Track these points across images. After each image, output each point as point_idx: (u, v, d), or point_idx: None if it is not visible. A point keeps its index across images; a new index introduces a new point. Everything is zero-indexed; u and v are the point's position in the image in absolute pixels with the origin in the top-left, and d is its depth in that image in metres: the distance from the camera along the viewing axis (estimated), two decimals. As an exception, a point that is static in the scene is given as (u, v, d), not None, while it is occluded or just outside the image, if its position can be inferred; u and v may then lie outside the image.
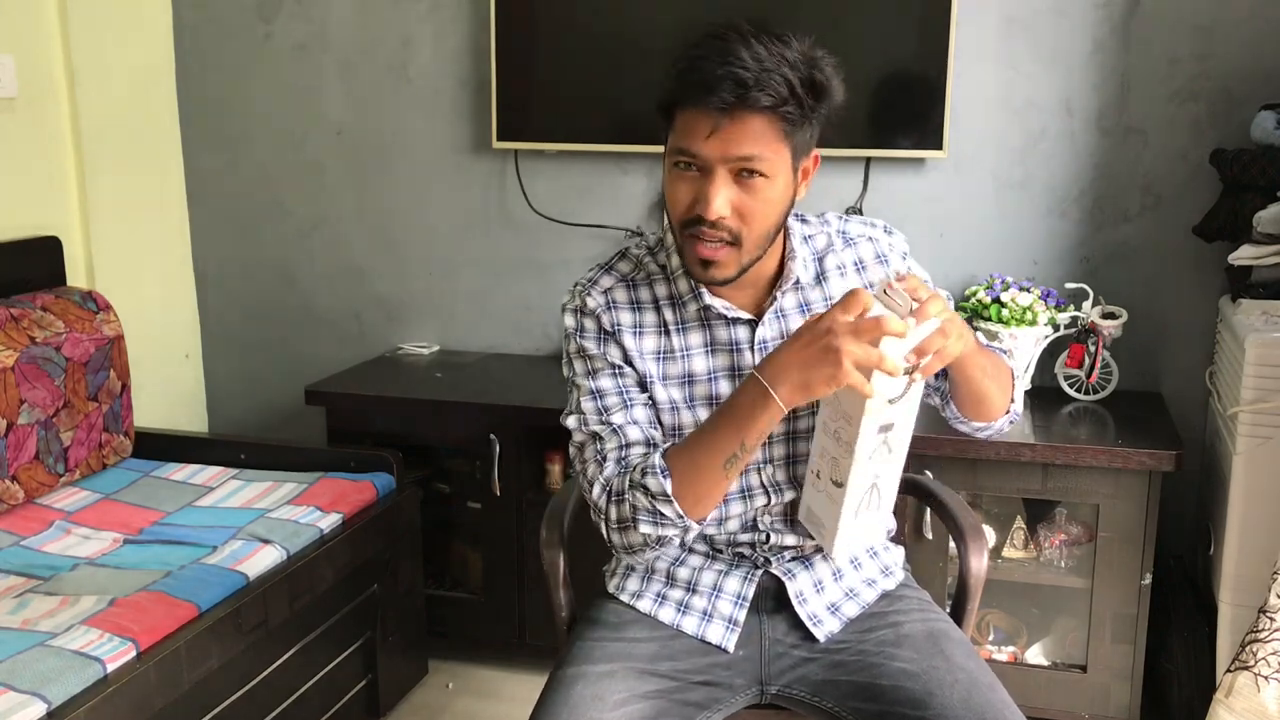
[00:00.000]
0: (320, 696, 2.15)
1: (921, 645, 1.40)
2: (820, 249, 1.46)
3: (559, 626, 1.62)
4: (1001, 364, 1.47)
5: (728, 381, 1.42)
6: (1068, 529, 2.33)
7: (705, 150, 1.27)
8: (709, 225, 1.29)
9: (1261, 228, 2.10)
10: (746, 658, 1.45)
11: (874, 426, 1.26)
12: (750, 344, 1.42)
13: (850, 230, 1.49)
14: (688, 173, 1.30)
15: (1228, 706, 1.62)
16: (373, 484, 2.33)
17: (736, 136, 1.26)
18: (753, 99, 1.24)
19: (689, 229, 1.32)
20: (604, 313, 1.43)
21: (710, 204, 1.28)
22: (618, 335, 1.42)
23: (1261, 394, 1.95)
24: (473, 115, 2.82)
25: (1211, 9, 2.37)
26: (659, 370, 1.42)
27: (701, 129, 1.26)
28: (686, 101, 1.28)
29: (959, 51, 2.45)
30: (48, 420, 2.28)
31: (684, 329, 1.43)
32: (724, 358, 1.43)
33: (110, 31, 2.75)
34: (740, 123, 1.25)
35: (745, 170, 1.28)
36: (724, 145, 1.26)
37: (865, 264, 1.47)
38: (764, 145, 1.27)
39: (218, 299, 3.12)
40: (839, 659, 1.42)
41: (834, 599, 1.48)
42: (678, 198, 1.32)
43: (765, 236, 1.33)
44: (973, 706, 1.29)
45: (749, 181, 1.29)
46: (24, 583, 1.95)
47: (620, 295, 1.44)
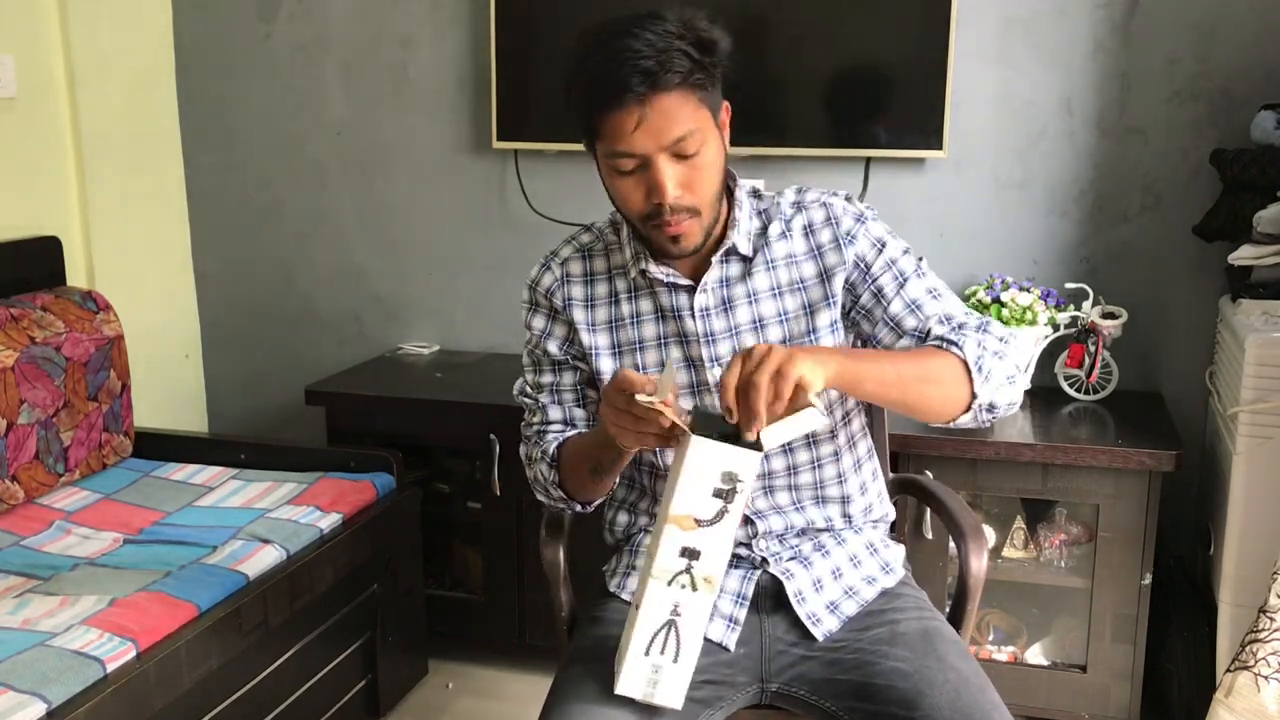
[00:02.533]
0: (320, 696, 2.15)
1: (916, 644, 1.40)
2: (769, 217, 1.48)
3: (559, 626, 1.62)
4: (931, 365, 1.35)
5: (677, 347, 1.47)
6: (1068, 529, 2.33)
7: (638, 145, 1.31)
8: (669, 211, 1.34)
9: (1261, 228, 2.10)
10: (747, 655, 1.45)
11: (676, 544, 1.20)
12: (690, 310, 1.46)
13: (806, 197, 1.50)
14: (629, 171, 1.35)
15: (1228, 706, 1.62)
16: (373, 484, 2.33)
17: (661, 121, 1.30)
18: (664, 81, 1.28)
19: (651, 220, 1.37)
20: (557, 289, 1.52)
21: (665, 191, 1.33)
22: (568, 311, 1.51)
23: (1261, 394, 1.95)
24: (473, 115, 2.82)
25: (1211, 9, 2.37)
26: (611, 339, 1.50)
27: (627, 126, 1.31)
28: (603, 107, 1.32)
29: (959, 51, 2.45)
30: (48, 420, 2.28)
31: (635, 296, 1.49)
32: (671, 324, 1.48)
33: (110, 31, 2.75)
34: (659, 107, 1.30)
35: (679, 150, 1.32)
36: (655, 134, 1.31)
37: (815, 227, 1.47)
38: (688, 120, 1.31)
39: (218, 299, 3.12)
40: (836, 657, 1.42)
41: (833, 597, 1.48)
42: (629, 197, 1.37)
43: (716, 197, 1.40)
44: (960, 708, 1.30)
45: (686, 156, 1.33)
46: (24, 583, 1.95)
47: (575, 268, 1.53)
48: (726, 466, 1.18)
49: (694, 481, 1.18)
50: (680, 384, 1.47)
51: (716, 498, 1.19)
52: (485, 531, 2.57)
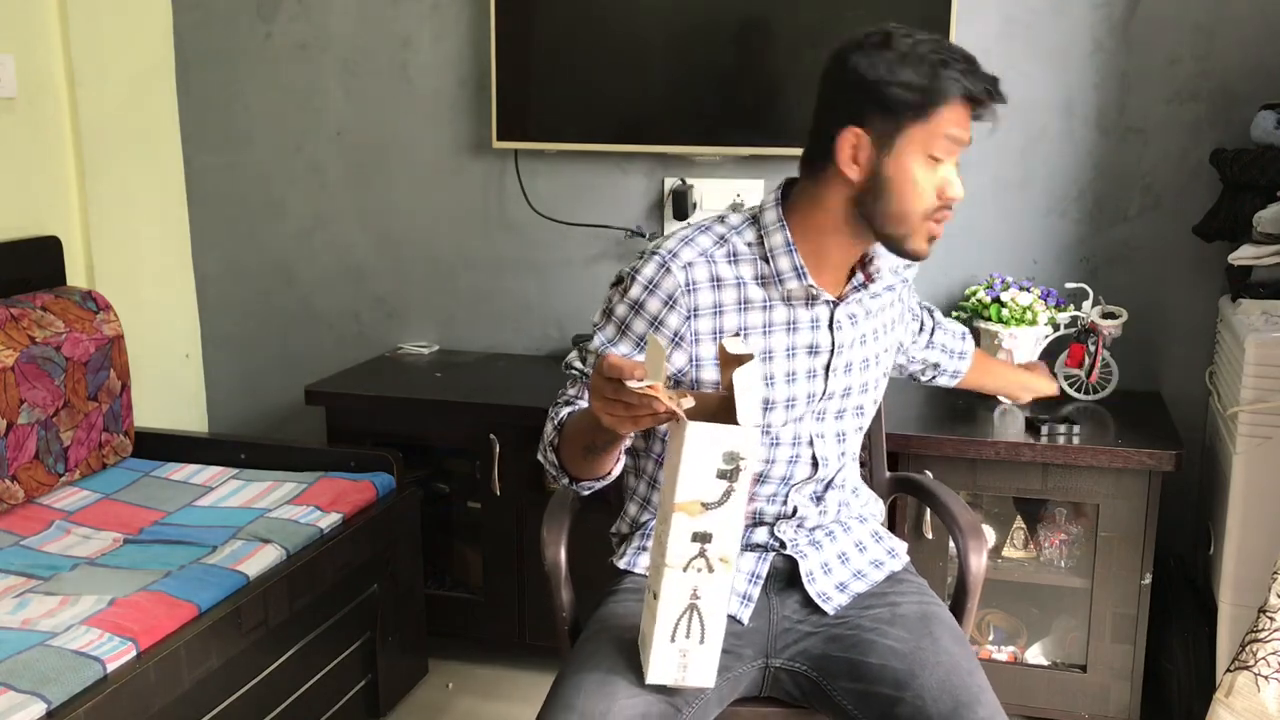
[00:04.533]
0: (320, 696, 2.15)
1: (913, 625, 1.44)
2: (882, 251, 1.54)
3: (560, 626, 1.62)
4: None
5: (807, 357, 1.49)
6: (1068, 529, 2.33)
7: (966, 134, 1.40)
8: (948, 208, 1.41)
9: (1261, 228, 2.10)
10: (756, 629, 1.49)
11: (686, 531, 1.20)
12: (830, 322, 1.49)
13: None
14: (937, 164, 1.39)
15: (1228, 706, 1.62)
16: (373, 484, 2.33)
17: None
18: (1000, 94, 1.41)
19: (932, 215, 1.41)
20: (682, 296, 1.42)
21: (959, 186, 1.40)
22: (694, 320, 1.42)
23: (1261, 394, 1.95)
24: (473, 115, 2.82)
25: (1211, 9, 2.37)
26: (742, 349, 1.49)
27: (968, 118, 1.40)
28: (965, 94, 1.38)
29: (959, 51, 2.45)
30: (48, 420, 2.28)
31: (769, 306, 1.46)
32: (805, 334, 1.48)
33: (110, 31, 2.75)
34: None
35: None
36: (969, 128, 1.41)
37: (899, 268, 1.59)
38: None
39: (218, 299, 3.12)
40: (837, 633, 1.47)
41: (842, 579, 1.54)
42: (927, 188, 1.39)
43: None
44: (949, 689, 1.33)
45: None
46: (24, 583, 1.95)
47: (700, 273, 1.43)
48: (727, 446, 1.18)
49: (696, 466, 1.18)
50: (801, 393, 1.48)
51: (721, 479, 1.19)
52: (485, 531, 2.57)
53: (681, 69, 2.61)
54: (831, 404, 1.52)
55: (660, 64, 2.61)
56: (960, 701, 1.31)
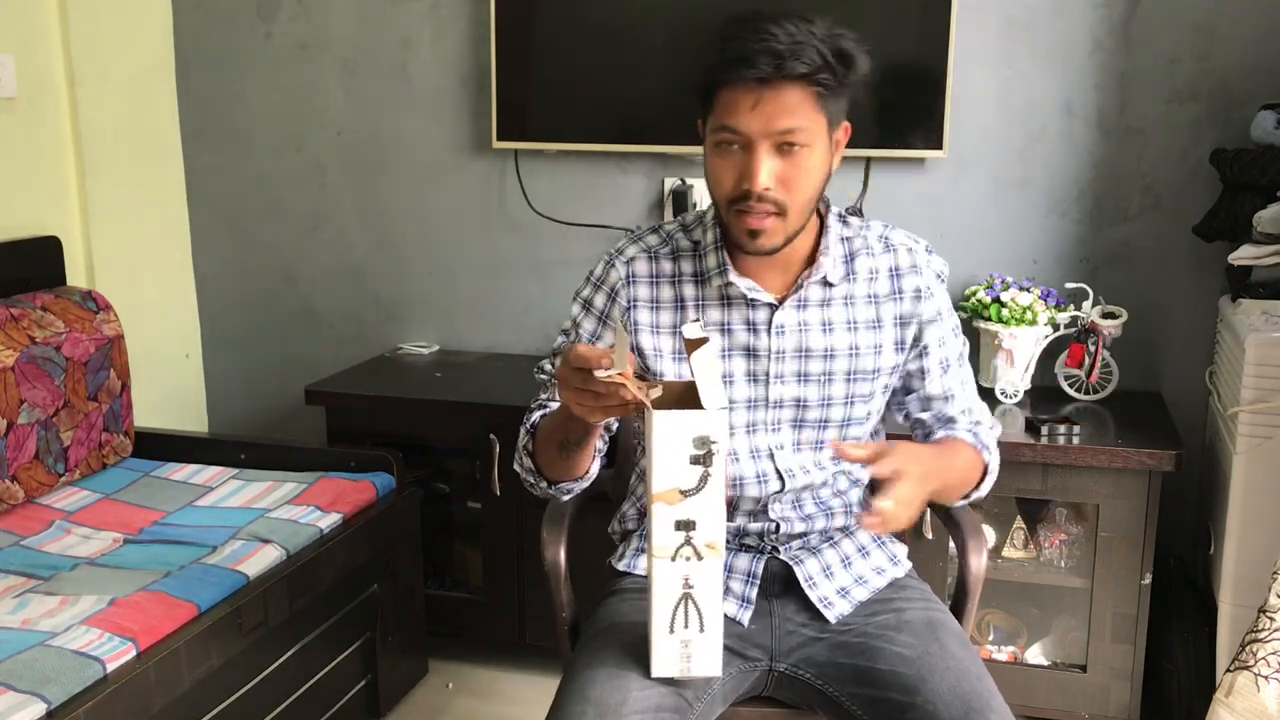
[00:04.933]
0: (320, 696, 2.15)
1: (920, 632, 1.43)
2: (855, 249, 1.49)
3: (560, 626, 1.62)
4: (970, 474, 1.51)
5: (742, 359, 1.46)
6: (1068, 529, 2.33)
7: (747, 124, 1.32)
8: (756, 199, 1.34)
9: (1261, 228, 2.10)
10: (759, 631, 1.48)
11: (668, 520, 1.21)
12: (768, 326, 1.45)
13: (893, 237, 1.52)
14: (730, 150, 1.35)
15: (1228, 706, 1.62)
16: (373, 484, 2.33)
17: (776, 108, 1.31)
18: (789, 68, 1.29)
19: (736, 205, 1.37)
20: (623, 287, 1.49)
21: (756, 177, 1.33)
22: (633, 312, 1.48)
23: (1261, 394, 1.95)
24: (473, 115, 2.82)
25: (1211, 9, 2.37)
26: (674, 344, 1.47)
27: (744, 103, 1.31)
28: (726, 79, 1.32)
29: (959, 51, 2.45)
30: (48, 420, 2.28)
31: (703, 305, 1.47)
32: (741, 336, 1.46)
33: (110, 31, 2.75)
34: (779, 94, 1.31)
35: (786, 142, 1.33)
36: (765, 118, 1.31)
37: (902, 271, 1.50)
38: (802, 116, 1.32)
39: (218, 299, 3.12)
40: (843, 640, 1.45)
41: (844, 584, 1.52)
42: (722, 176, 1.37)
43: (808, 205, 1.39)
44: (960, 694, 1.32)
45: (790, 152, 1.34)
46: (24, 583, 1.95)
47: (641, 268, 1.50)
48: (696, 431, 1.18)
49: (668, 455, 1.19)
50: (740, 396, 1.47)
51: (695, 464, 1.19)
52: (485, 531, 2.57)
53: (681, 69, 2.60)
54: (784, 413, 1.48)
55: (660, 64, 2.61)
56: (971, 707, 1.30)
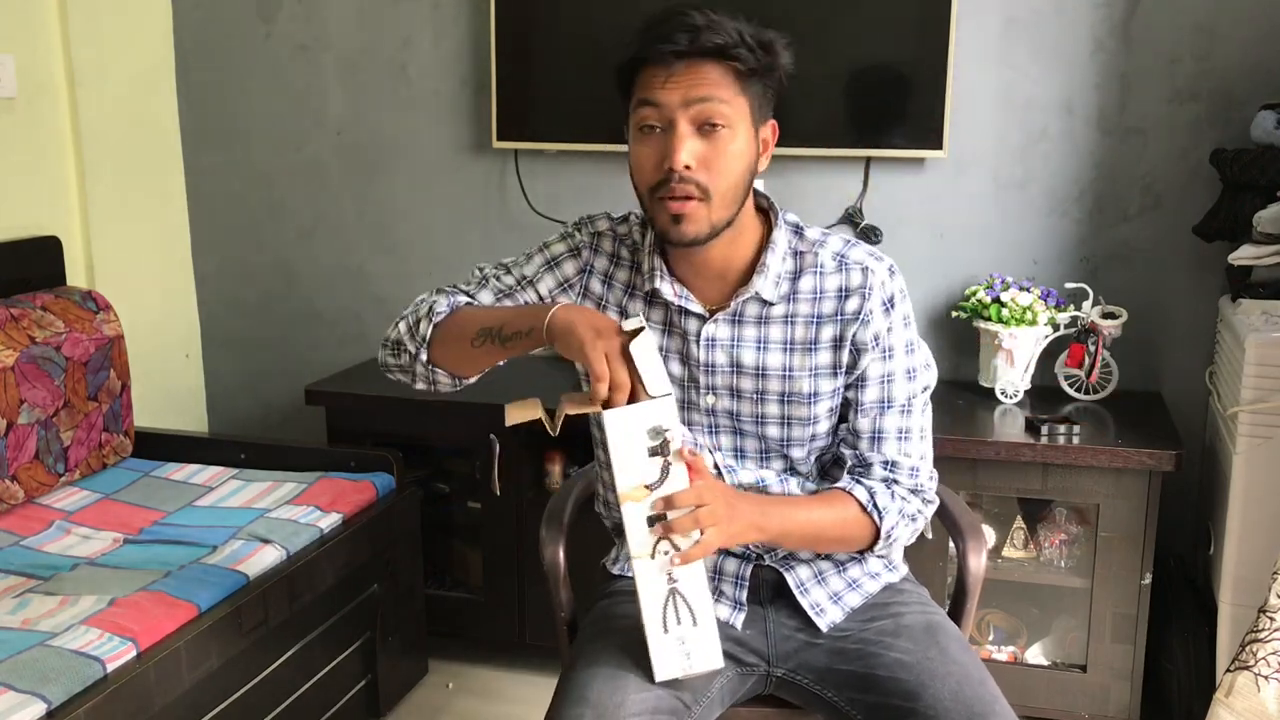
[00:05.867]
0: (320, 696, 2.15)
1: (919, 637, 1.41)
2: (804, 266, 1.42)
3: (560, 626, 1.62)
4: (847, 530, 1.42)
5: (678, 363, 1.45)
6: (1068, 529, 2.33)
7: (664, 96, 1.30)
8: (677, 179, 1.31)
9: (1261, 228, 2.10)
10: (754, 637, 1.47)
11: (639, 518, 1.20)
12: (697, 337, 1.43)
13: (850, 255, 1.43)
14: (651, 134, 1.33)
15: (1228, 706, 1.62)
16: (373, 484, 2.33)
17: (693, 80, 1.30)
18: (704, 40, 1.28)
19: (658, 191, 1.34)
20: (585, 249, 1.49)
21: (676, 154, 1.30)
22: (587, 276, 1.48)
23: (1261, 394, 1.95)
24: (473, 115, 2.82)
25: (1211, 9, 2.37)
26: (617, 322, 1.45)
27: (658, 78, 1.31)
28: (642, 56, 1.32)
29: (959, 51, 2.45)
30: (48, 420, 2.28)
31: (651, 301, 1.46)
32: (677, 340, 1.45)
33: (110, 31, 2.75)
34: (695, 67, 1.30)
35: (707, 121, 1.31)
36: (683, 89, 1.30)
37: (849, 291, 1.40)
38: (720, 90, 1.30)
39: (218, 299, 3.12)
40: (841, 646, 1.44)
41: (837, 589, 1.49)
42: (643, 162, 1.34)
43: (732, 191, 1.34)
44: (962, 699, 1.31)
45: (711, 133, 1.31)
46: (24, 583, 1.95)
47: (606, 244, 1.50)
48: (648, 422, 1.18)
49: (625, 452, 1.19)
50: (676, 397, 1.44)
51: (654, 455, 1.20)
52: (485, 531, 2.57)
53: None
54: (721, 420, 1.45)
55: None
56: (974, 711, 1.29)
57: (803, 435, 1.45)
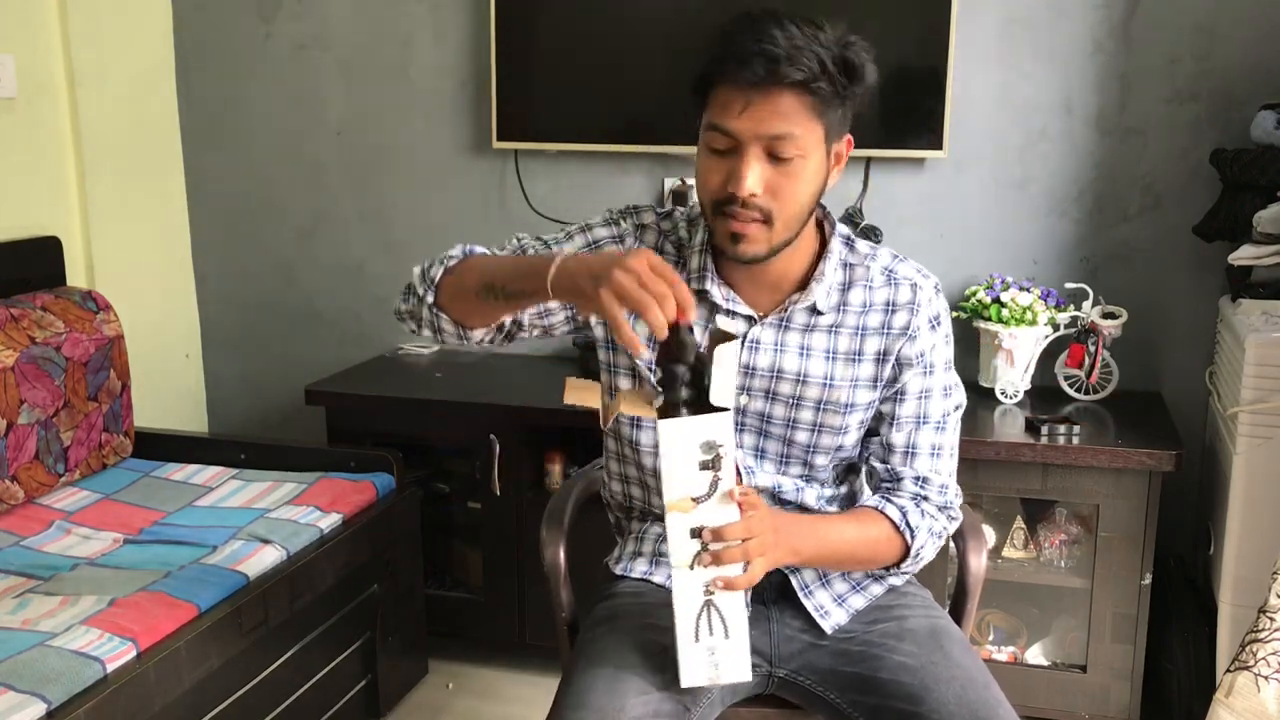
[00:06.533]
0: (320, 696, 2.15)
1: (923, 640, 1.41)
2: (854, 279, 1.43)
3: (560, 626, 1.62)
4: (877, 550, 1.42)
5: None
6: (1068, 529, 2.33)
7: (737, 126, 1.27)
8: (741, 204, 1.29)
9: (1261, 228, 2.10)
10: (757, 637, 1.46)
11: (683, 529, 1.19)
12: (743, 339, 1.41)
13: (899, 270, 1.44)
14: (720, 151, 1.31)
15: (1228, 706, 1.62)
16: (373, 484, 2.33)
17: (768, 113, 1.26)
18: (783, 74, 1.24)
19: (721, 208, 1.32)
20: (629, 240, 1.45)
21: (742, 181, 1.28)
22: None
23: (1261, 394, 1.95)
24: (473, 115, 2.82)
25: (1211, 9, 2.37)
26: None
27: (734, 105, 1.27)
28: (719, 78, 1.28)
29: (959, 51, 2.45)
30: (48, 420, 2.28)
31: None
32: None
33: (110, 31, 2.75)
34: (772, 99, 1.26)
35: (777, 150, 1.28)
36: (756, 122, 1.27)
37: (897, 306, 1.42)
38: (796, 123, 1.27)
39: (218, 299, 3.12)
40: (844, 648, 1.44)
41: (840, 591, 1.49)
42: (710, 178, 1.32)
43: (797, 217, 1.33)
44: (966, 703, 1.31)
45: (782, 160, 1.29)
46: (24, 583, 1.95)
47: (649, 238, 1.46)
48: (703, 437, 1.17)
49: (677, 463, 1.18)
50: None
51: (704, 470, 1.18)
52: (485, 531, 2.57)
53: (681, 69, 2.61)
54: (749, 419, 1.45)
55: (660, 64, 2.61)
56: (979, 715, 1.29)
57: (830, 444, 1.45)
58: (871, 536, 1.41)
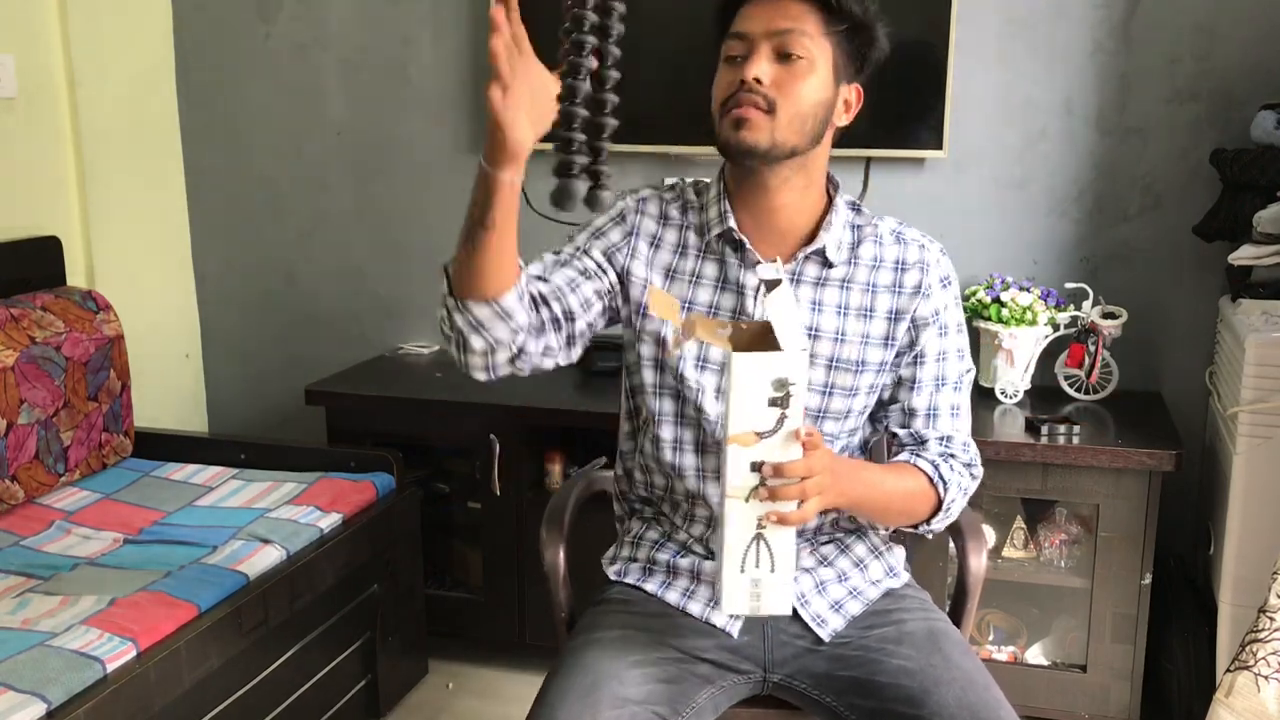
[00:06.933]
0: (320, 696, 2.15)
1: (921, 643, 1.41)
2: (863, 236, 1.46)
3: (559, 626, 1.62)
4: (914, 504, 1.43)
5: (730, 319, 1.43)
6: (1068, 529, 2.33)
7: (749, 26, 1.35)
8: (745, 90, 1.33)
9: (1261, 228, 2.10)
10: (751, 644, 1.46)
11: (743, 461, 1.19)
12: (756, 291, 1.43)
13: (906, 233, 1.49)
14: (734, 63, 1.36)
15: (1228, 706, 1.62)
16: (373, 484, 2.33)
17: (777, 12, 1.34)
18: None
19: (726, 105, 1.36)
20: (630, 215, 1.48)
21: (749, 67, 1.33)
22: (634, 239, 1.47)
23: (1261, 394, 1.95)
24: (473, 115, 2.82)
25: (1211, 9, 2.37)
26: (663, 285, 1.46)
27: (755, 9, 1.36)
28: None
29: (959, 51, 2.45)
30: (48, 420, 2.28)
31: (703, 256, 1.45)
32: (730, 298, 1.44)
33: (110, 31, 2.75)
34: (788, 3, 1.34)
35: (785, 49, 1.34)
36: (766, 20, 1.34)
37: (907, 265, 1.46)
38: (804, 25, 1.34)
39: (218, 299, 3.12)
40: (841, 653, 1.43)
41: (837, 597, 1.49)
42: (722, 83, 1.37)
43: (800, 120, 1.35)
44: (966, 704, 1.30)
45: (788, 61, 1.34)
46: (24, 583, 1.95)
47: (652, 208, 1.49)
48: (777, 374, 1.17)
49: (746, 397, 1.17)
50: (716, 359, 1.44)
51: (773, 406, 1.18)
52: (485, 531, 2.57)
53: (681, 69, 2.61)
54: None
55: (660, 64, 2.61)
56: (980, 716, 1.29)
57: (841, 408, 1.46)
58: (910, 489, 1.42)
